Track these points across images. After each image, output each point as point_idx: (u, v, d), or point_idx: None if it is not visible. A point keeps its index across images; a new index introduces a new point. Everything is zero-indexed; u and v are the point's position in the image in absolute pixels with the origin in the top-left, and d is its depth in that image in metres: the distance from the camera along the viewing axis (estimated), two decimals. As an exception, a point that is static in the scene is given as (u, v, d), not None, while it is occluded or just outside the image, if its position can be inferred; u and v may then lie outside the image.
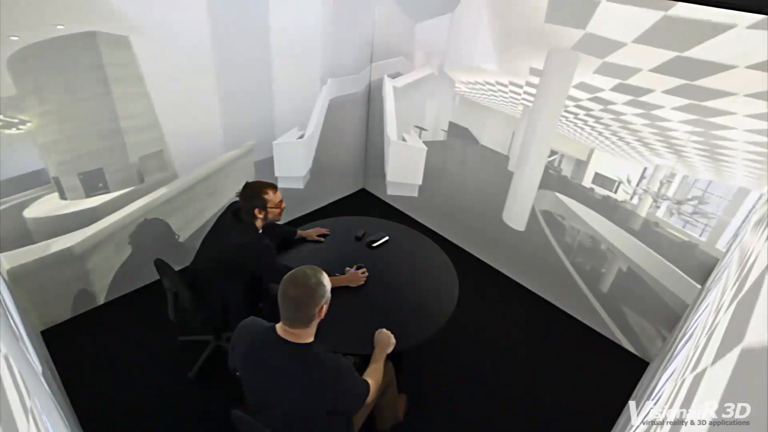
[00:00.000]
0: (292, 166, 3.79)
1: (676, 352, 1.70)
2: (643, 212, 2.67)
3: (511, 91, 3.10)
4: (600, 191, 2.87)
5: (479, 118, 3.36)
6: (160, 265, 2.31)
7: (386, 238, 2.65)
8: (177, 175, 3.03)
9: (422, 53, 3.55)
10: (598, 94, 2.67)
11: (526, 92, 3.03)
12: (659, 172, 2.57)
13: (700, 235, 2.50)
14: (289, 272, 1.56)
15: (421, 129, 3.84)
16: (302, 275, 1.53)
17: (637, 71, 2.44)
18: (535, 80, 2.92)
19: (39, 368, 1.68)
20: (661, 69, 2.35)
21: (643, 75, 2.43)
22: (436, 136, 3.72)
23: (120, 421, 2.36)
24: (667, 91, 2.38)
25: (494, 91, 3.20)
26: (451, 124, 3.56)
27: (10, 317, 1.60)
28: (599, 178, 2.86)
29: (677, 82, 2.32)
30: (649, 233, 2.68)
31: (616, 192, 2.79)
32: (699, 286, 2.52)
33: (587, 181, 2.91)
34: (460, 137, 3.52)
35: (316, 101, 3.69)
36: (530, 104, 3.01)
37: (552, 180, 3.04)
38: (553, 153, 3.00)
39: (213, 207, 3.36)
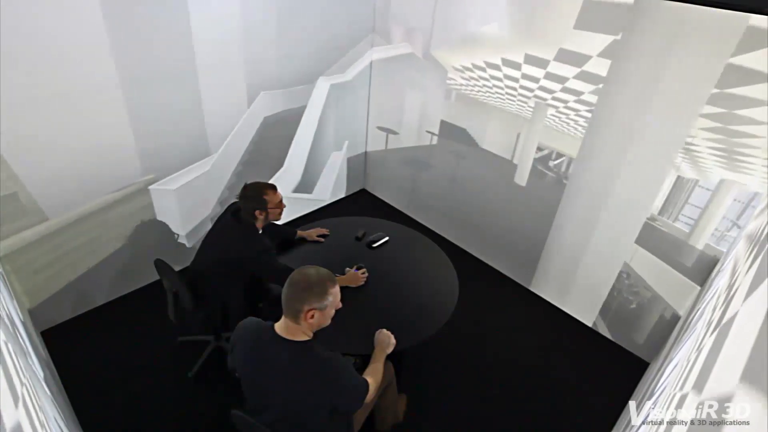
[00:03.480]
0: (170, 219, 3.02)
1: (676, 353, 1.70)
2: (645, 217, 2.66)
3: (525, 76, 2.41)
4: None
5: (480, 117, 3.10)
6: (160, 265, 2.30)
7: (386, 238, 2.65)
8: (47, 218, 2.53)
9: (401, 29, 2.83)
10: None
11: (550, 74, 2.23)
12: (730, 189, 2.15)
13: (718, 244, 2.35)
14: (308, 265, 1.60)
15: (389, 132, 3.27)
16: (313, 269, 1.57)
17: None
18: (581, 45, 1.97)
19: (40, 373, 1.68)
20: None
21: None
22: (420, 139, 3.19)
23: (120, 422, 2.35)
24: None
25: (498, 80, 2.55)
26: (443, 123, 3.18)
27: (9, 319, 1.60)
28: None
29: None
30: (649, 236, 2.67)
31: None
32: (699, 287, 2.52)
33: None
34: (456, 140, 3.25)
35: (237, 123, 2.98)
36: (543, 95, 2.30)
37: (551, 182, 3.02)
38: (539, 149, 2.57)
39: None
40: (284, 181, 3.56)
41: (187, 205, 3.07)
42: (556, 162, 2.87)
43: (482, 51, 2.53)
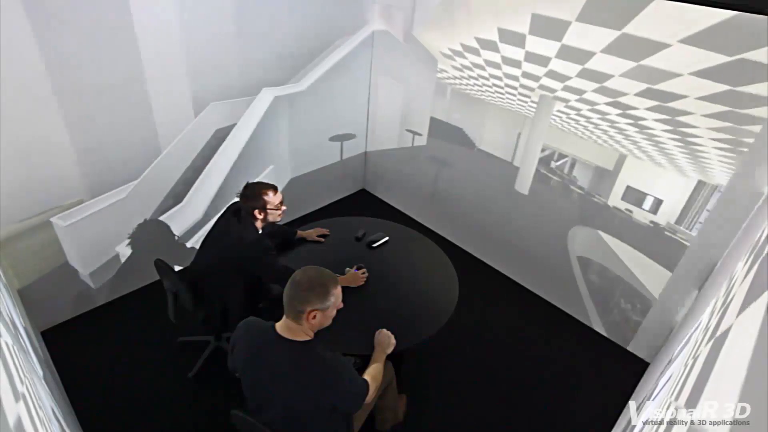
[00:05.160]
0: (71, 255, 2.63)
1: (676, 353, 1.71)
2: (643, 219, 2.67)
3: (529, 57, 2.08)
4: (633, 208, 2.38)
5: (474, 113, 2.99)
6: (160, 265, 2.31)
7: (386, 238, 2.65)
8: None
9: (380, 7, 2.49)
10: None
11: (565, 47, 1.73)
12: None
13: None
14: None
15: (344, 138, 2.88)
16: (316, 269, 1.57)
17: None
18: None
19: (40, 372, 1.68)
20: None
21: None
22: (402, 141, 2.83)
23: (120, 422, 2.35)
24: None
25: (495, 66, 2.21)
26: (433, 121, 2.98)
27: (10, 319, 1.60)
28: (632, 193, 2.37)
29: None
30: (649, 238, 2.67)
31: (656, 213, 2.46)
32: (698, 289, 2.52)
33: (615, 199, 2.45)
34: (451, 139, 3.15)
35: (179, 136, 2.59)
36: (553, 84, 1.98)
37: (556, 187, 3.01)
38: (543, 150, 2.47)
39: None
40: (176, 222, 2.96)
41: (89, 241, 2.67)
42: (558, 163, 2.84)
43: (475, 22, 2.12)
